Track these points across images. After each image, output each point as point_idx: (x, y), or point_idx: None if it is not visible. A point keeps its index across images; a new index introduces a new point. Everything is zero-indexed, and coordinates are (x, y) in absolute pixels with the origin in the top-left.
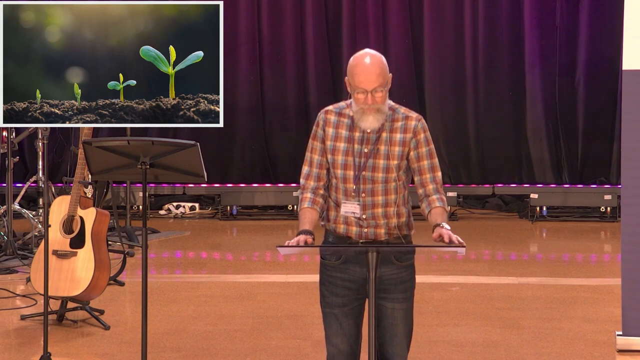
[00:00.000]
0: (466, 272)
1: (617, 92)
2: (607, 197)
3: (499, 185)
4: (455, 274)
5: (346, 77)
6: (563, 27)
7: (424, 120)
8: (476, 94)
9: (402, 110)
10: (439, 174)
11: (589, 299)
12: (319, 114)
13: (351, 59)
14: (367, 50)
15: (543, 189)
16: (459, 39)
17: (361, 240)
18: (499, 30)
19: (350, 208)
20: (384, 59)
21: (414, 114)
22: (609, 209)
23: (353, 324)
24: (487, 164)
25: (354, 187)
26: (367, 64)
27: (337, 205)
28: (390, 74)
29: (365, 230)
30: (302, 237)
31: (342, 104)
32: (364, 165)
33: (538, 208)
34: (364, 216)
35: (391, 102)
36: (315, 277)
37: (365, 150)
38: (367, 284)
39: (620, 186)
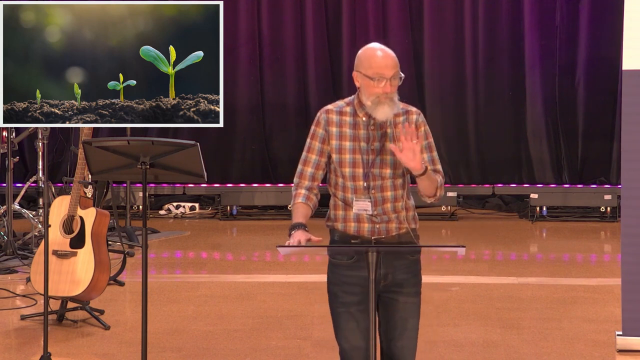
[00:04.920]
0: (466, 272)
1: (617, 92)
2: (607, 197)
3: (499, 185)
4: (455, 274)
5: (354, 72)
6: (563, 27)
7: (422, 114)
8: (476, 94)
9: (401, 105)
10: (439, 167)
11: (589, 299)
12: (319, 113)
13: (362, 51)
14: (374, 43)
15: (543, 189)
16: (459, 39)
17: (374, 237)
18: (499, 30)
19: (362, 205)
20: None
21: (413, 108)
22: (609, 209)
23: (368, 321)
24: (487, 164)
25: (364, 184)
26: (384, 51)
27: (346, 204)
28: None
29: (377, 226)
30: (301, 236)
31: (340, 102)
32: (372, 162)
33: (538, 208)
34: (374, 212)
35: None
36: (316, 277)
37: (372, 147)
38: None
39: (620, 186)
